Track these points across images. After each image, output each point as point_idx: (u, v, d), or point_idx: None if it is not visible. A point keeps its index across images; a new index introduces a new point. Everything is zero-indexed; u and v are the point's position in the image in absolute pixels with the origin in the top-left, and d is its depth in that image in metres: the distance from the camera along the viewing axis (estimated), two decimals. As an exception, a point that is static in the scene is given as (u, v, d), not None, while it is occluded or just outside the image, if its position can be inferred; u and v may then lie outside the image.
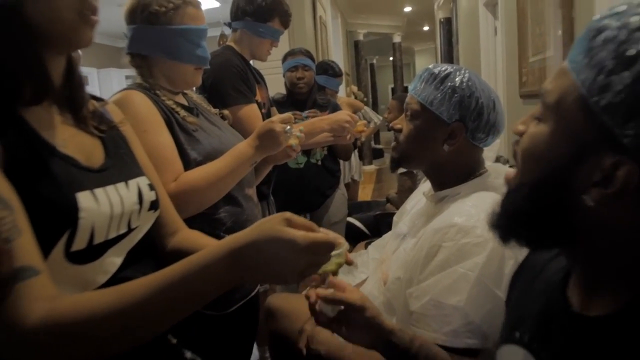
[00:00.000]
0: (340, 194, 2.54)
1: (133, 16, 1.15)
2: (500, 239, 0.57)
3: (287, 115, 1.22)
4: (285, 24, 1.79)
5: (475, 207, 0.96)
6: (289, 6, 1.81)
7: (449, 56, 6.17)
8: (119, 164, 0.78)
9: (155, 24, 1.13)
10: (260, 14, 1.71)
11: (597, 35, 0.46)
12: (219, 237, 1.13)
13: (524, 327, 0.62)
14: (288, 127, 1.18)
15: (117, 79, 6.60)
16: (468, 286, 0.88)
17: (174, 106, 1.16)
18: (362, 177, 4.11)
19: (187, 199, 1.04)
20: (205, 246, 0.88)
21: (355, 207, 3.08)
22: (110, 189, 0.72)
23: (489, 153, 1.15)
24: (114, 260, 0.72)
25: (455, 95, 1.02)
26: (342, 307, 0.82)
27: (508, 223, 0.56)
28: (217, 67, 1.47)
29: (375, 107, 10.31)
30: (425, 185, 1.27)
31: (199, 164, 1.12)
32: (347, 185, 3.43)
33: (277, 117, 1.20)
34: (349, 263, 0.74)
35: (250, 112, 1.62)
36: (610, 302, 0.50)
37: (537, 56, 2.47)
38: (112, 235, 0.71)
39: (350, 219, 2.73)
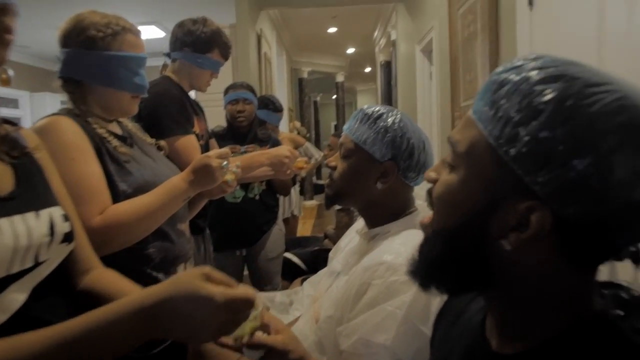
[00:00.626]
0: (278, 229, 2.53)
1: (68, 39, 1.10)
2: (420, 286, 0.57)
3: (224, 150, 1.20)
4: (225, 55, 1.79)
5: (404, 245, 0.98)
6: (228, 38, 1.81)
7: (389, 97, 6.41)
8: (30, 192, 0.73)
9: (92, 49, 1.09)
10: (199, 45, 1.70)
11: (500, 89, 0.48)
12: (145, 275, 1.09)
13: None
14: (225, 162, 1.16)
15: (51, 103, 6.30)
16: (395, 324, 0.88)
17: (105, 135, 1.11)
18: (301, 212, 4.11)
19: (114, 233, 0.99)
20: (120, 290, 0.83)
21: (293, 243, 3.06)
22: (16, 218, 0.66)
23: (420, 192, 1.18)
24: (16, 297, 0.66)
25: (388, 135, 1.06)
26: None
27: (427, 270, 0.56)
28: (154, 96, 1.44)
29: (317, 143, 10.45)
30: (359, 223, 1.28)
31: (128, 196, 1.07)
32: (286, 221, 3.41)
33: (213, 152, 1.18)
34: (265, 327, 0.72)
35: (188, 143, 1.58)
36: (525, 341, 0.52)
37: (468, 101, 2.62)
38: (15, 269, 0.65)
39: (288, 255, 2.71)
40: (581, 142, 0.43)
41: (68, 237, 0.76)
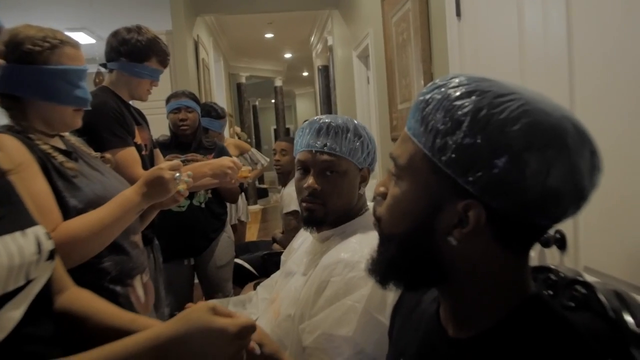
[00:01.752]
0: (226, 236, 2.52)
1: (3, 54, 1.07)
2: (378, 283, 0.63)
3: (176, 162, 1.21)
4: (163, 63, 1.76)
5: (359, 243, 1.04)
6: (166, 45, 1.79)
7: (328, 101, 6.53)
8: (13, 212, 0.73)
9: (30, 64, 1.07)
10: (136, 54, 1.67)
11: (427, 107, 0.56)
12: (103, 288, 1.09)
13: (408, 355, 0.69)
14: (177, 174, 1.18)
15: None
16: (356, 317, 0.94)
17: (50, 151, 1.09)
18: (249, 217, 4.11)
19: (68, 250, 0.97)
20: (100, 311, 0.85)
21: (242, 248, 3.06)
22: (7, 238, 0.67)
23: (368, 192, 1.25)
24: (12, 315, 0.66)
25: (365, 146, 1.13)
26: None
27: (384, 269, 0.62)
28: (91, 109, 1.42)
29: (258, 147, 10.41)
30: None
31: (80, 212, 1.06)
32: (234, 227, 3.40)
33: (165, 164, 1.19)
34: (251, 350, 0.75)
35: (128, 155, 1.56)
36: (478, 326, 0.59)
37: (404, 104, 2.75)
38: (10, 287, 0.66)
39: (238, 261, 2.71)
40: (497, 144, 0.51)
41: (52, 255, 0.76)
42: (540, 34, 1.30)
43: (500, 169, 0.51)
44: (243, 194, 3.73)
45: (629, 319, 0.56)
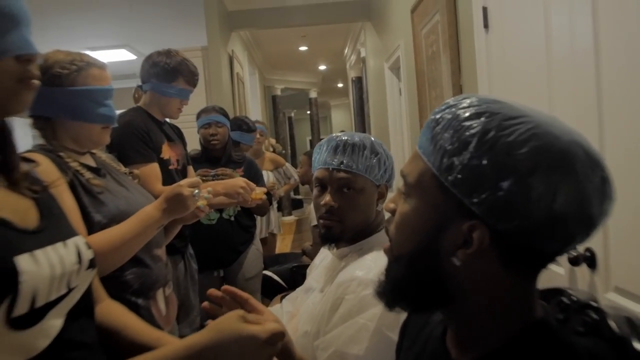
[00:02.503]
0: (255, 249, 2.55)
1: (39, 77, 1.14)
2: (385, 305, 0.63)
3: (195, 179, 1.25)
4: (191, 82, 1.88)
5: (374, 261, 1.04)
6: (194, 66, 1.90)
7: (361, 112, 6.53)
8: (55, 224, 0.77)
9: (58, 86, 1.13)
10: (164, 76, 1.80)
11: (437, 126, 0.56)
12: (125, 300, 1.13)
13: None
14: (196, 190, 1.21)
15: (19, 127, 6.18)
16: (368, 335, 0.94)
17: (78, 168, 1.15)
18: (280, 230, 4.15)
19: None
20: (128, 325, 0.89)
21: (272, 260, 3.09)
22: (49, 249, 0.71)
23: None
24: (54, 322, 0.70)
25: (382, 163, 1.13)
26: None
27: (392, 291, 0.62)
28: (119, 127, 1.50)
29: (293, 158, 10.53)
30: None
31: (103, 226, 1.11)
32: (264, 240, 3.45)
33: (185, 181, 1.23)
34: None
35: (149, 171, 1.65)
36: (479, 350, 0.58)
37: (434, 116, 2.72)
38: (53, 297, 0.69)
39: (267, 272, 2.74)
40: (503, 166, 0.50)
41: (92, 263, 0.80)
42: (567, 43, 1.27)
43: (505, 191, 0.50)
44: (275, 206, 3.78)
45: (638, 346, 0.54)
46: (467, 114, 0.54)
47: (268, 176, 3.67)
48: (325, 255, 1.32)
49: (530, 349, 0.54)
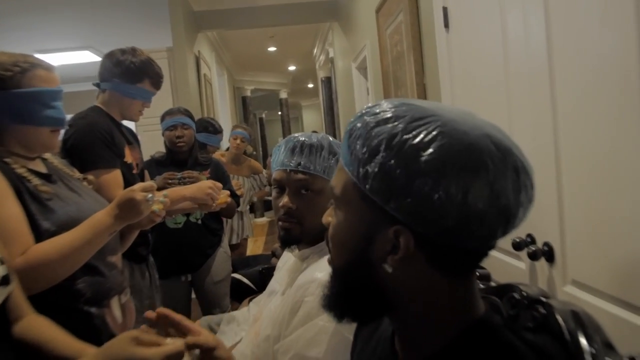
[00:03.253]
0: (223, 252, 2.52)
1: None
2: (334, 318, 0.62)
3: (149, 183, 1.21)
4: (156, 85, 1.79)
5: None
6: (160, 67, 1.82)
7: (331, 112, 6.55)
8: None
9: (2, 89, 1.08)
10: (129, 76, 1.70)
11: (351, 135, 0.56)
12: (77, 310, 1.09)
13: None
14: (150, 195, 1.17)
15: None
16: (327, 337, 0.93)
17: (25, 174, 1.10)
18: (252, 233, 4.11)
19: (37, 273, 0.98)
20: (50, 339, 0.86)
21: (241, 263, 3.05)
22: None
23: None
24: None
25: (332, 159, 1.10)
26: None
27: (335, 304, 0.62)
28: (79, 129, 1.43)
29: (265, 159, 10.42)
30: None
31: (52, 234, 1.06)
32: (237, 245, 3.42)
33: (138, 185, 1.19)
34: None
35: (111, 178, 1.58)
36: (423, 351, 0.58)
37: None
38: None
39: (236, 275, 2.70)
40: (411, 169, 0.50)
41: (5, 280, 0.77)
42: (523, 43, 1.30)
43: (417, 194, 0.50)
44: (248, 209, 3.74)
45: (583, 340, 0.55)
46: (375, 121, 0.54)
47: (245, 182, 3.64)
48: (288, 258, 1.31)
49: (469, 349, 0.54)
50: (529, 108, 1.28)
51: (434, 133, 0.51)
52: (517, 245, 1.30)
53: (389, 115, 0.54)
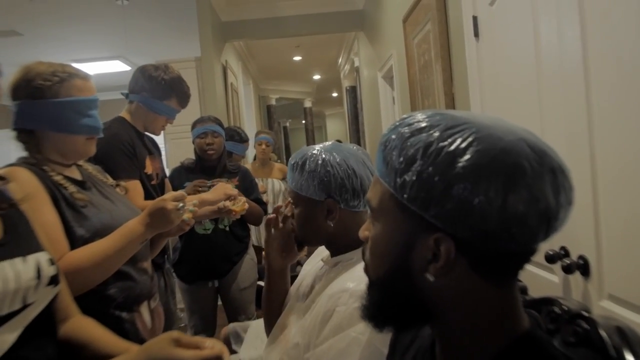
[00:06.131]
0: (249, 259, 2.54)
1: (17, 91, 1.13)
2: (374, 328, 0.62)
3: (180, 193, 1.23)
4: (183, 104, 1.83)
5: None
6: (188, 87, 1.85)
7: (356, 121, 6.55)
8: (17, 240, 0.77)
9: (41, 98, 1.12)
10: (158, 92, 1.74)
11: (386, 147, 0.57)
12: (108, 315, 1.11)
13: None
14: (181, 204, 1.19)
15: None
16: (359, 349, 0.92)
17: (62, 182, 1.13)
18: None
19: (71, 279, 1.00)
20: (97, 339, 0.88)
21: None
22: (5, 264, 0.71)
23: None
24: (6, 337, 0.69)
25: (315, 178, 1.11)
26: None
27: (375, 314, 0.62)
28: (101, 141, 1.47)
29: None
30: (324, 248, 1.33)
31: (86, 241, 1.09)
32: (260, 248, 3.43)
33: (169, 195, 1.21)
34: None
35: (131, 188, 1.59)
36: None
37: (427, 125, 2.72)
38: (4, 312, 0.69)
39: (262, 283, 2.71)
40: (449, 176, 0.51)
41: (54, 280, 0.79)
42: (556, 50, 1.28)
43: (456, 200, 0.50)
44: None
45: (629, 357, 0.53)
46: (409, 132, 0.55)
47: (274, 185, 3.66)
48: (315, 263, 1.31)
49: None
50: (563, 115, 1.25)
51: (470, 139, 0.51)
52: (551, 258, 1.27)
53: (423, 124, 0.55)
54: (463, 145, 0.51)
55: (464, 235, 0.51)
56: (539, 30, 1.37)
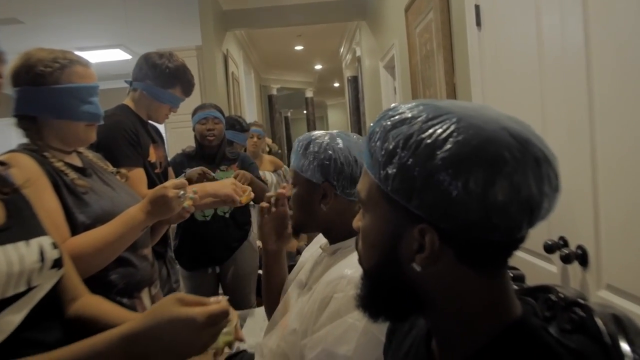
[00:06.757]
0: (249, 246, 2.54)
1: (17, 78, 1.13)
2: (369, 318, 0.63)
3: (181, 180, 1.23)
4: (187, 92, 1.82)
5: None
6: (192, 76, 1.84)
7: (357, 111, 6.53)
8: (20, 224, 0.78)
9: (42, 85, 1.12)
10: (162, 80, 1.73)
11: (371, 139, 0.58)
12: (110, 300, 1.11)
13: None
14: (181, 192, 1.19)
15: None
16: (356, 335, 0.92)
17: (63, 168, 1.13)
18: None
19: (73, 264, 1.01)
20: (106, 313, 0.90)
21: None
22: (9, 247, 0.72)
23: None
24: (11, 319, 0.70)
25: (316, 159, 1.12)
26: None
27: (368, 304, 0.63)
28: (105, 128, 1.47)
29: (289, 157, 10.51)
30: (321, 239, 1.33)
31: (87, 227, 1.09)
32: None
33: (170, 182, 1.21)
34: (239, 339, 0.76)
35: (134, 176, 1.60)
36: (460, 352, 0.57)
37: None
38: (9, 293, 0.70)
39: (262, 272, 2.72)
40: (429, 168, 0.51)
41: (57, 263, 0.80)
42: (559, 41, 1.27)
43: (436, 191, 0.51)
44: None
45: (624, 345, 0.53)
46: (391, 124, 0.55)
47: (266, 177, 3.65)
48: (313, 251, 1.31)
49: (508, 350, 0.54)
50: (564, 106, 1.25)
51: (449, 130, 0.51)
52: (549, 248, 1.27)
53: (405, 116, 0.55)
54: (442, 136, 0.51)
55: (447, 225, 0.52)
56: (542, 19, 1.36)
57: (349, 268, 1.01)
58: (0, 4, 4.29)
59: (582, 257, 1.21)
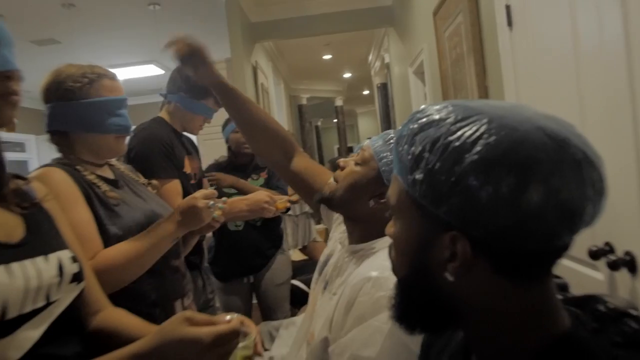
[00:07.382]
0: (283, 254, 2.54)
1: (48, 94, 1.16)
2: (406, 330, 0.60)
3: (210, 191, 1.24)
4: (219, 103, 1.81)
5: (388, 259, 0.99)
6: None
7: (387, 119, 6.48)
8: (39, 239, 0.78)
9: (72, 100, 1.14)
10: (195, 92, 1.76)
11: (399, 143, 0.56)
12: (141, 312, 1.12)
13: None
14: (211, 202, 1.20)
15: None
16: (382, 338, 0.90)
17: (95, 181, 1.15)
18: (318, 236, 4.12)
19: (105, 277, 1.02)
20: (128, 326, 0.90)
21: (298, 269, 3.07)
22: (27, 262, 0.72)
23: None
24: (29, 334, 0.70)
25: (389, 156, 1.06)
26: None
27: (402, 316, 0.60)
28: (140, 140, 1.49)
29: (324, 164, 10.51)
30: (337, 230, 1.29)
31: (120, 238, 1.11)
32: (305, 247, 3.45)
33: (200, 192, 1.22)
34: (258, 354, 0.74)
35: (170, 188, 1.62)
36: None
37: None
38: (28, 309, 0.70)
39: (294, 282, 2.71)
40: (456, 172, 0.48)
41: (77, 277, 0.81)
42: (596, 37, 1.21)
43: (464, 197, 0.48)
44: (310, 213, 3.76)
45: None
46: (417, 127, 0.53)
47: None
48: (332, 250, 1.26)
49: None
50: (604, 105, 1.19)
51: (479, 132, 0.48)
52: (594, 254, 1.21)
53: (432, 118, 0.53)
54: (471, 139, 0.48)
55: (478, 233, 0.49)
56: (577, 17, 1.30)
57: (374, 270, 0.98)
58: (39, 27, 4.48)
59: (630, 264, 1.14)
